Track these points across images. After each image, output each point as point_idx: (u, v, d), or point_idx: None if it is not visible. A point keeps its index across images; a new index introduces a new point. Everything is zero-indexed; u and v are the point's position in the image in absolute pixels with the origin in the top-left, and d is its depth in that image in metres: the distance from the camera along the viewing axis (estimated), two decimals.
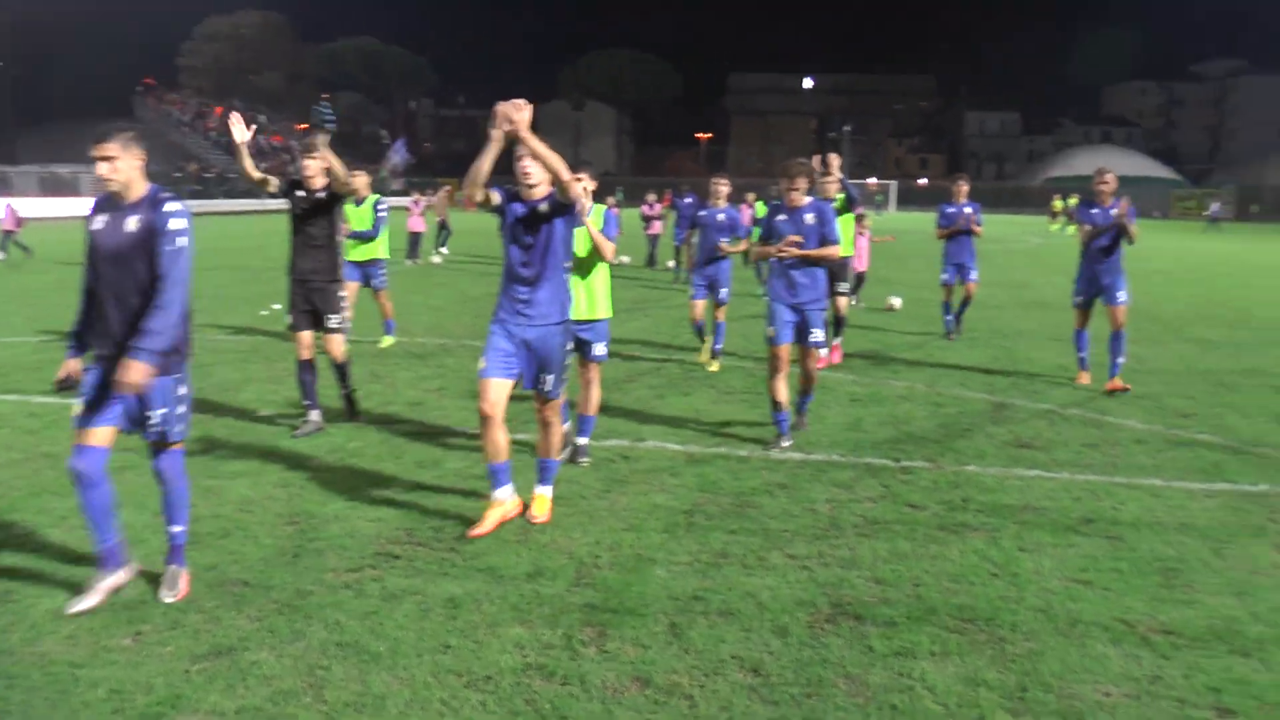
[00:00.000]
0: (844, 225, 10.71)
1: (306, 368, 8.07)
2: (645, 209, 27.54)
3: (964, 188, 13.81)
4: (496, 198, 5.79)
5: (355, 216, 11.89)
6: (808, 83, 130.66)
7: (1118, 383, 10.15)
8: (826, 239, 7.69)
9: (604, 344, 7.17)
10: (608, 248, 6.91)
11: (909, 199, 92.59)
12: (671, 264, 24.02)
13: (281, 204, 8.24)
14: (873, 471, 7.25)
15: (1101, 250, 10.22)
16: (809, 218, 7.69)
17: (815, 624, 4.68)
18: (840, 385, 10.48)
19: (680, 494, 6.64)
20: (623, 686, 4.09)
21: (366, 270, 12.20)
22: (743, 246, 10.96)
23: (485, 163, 5.53)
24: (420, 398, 9.47)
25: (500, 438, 5.87)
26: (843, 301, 11.63)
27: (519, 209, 5.81)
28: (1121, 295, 10.20)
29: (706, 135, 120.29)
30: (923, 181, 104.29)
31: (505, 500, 5.96)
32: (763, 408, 8.52)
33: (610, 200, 27.68)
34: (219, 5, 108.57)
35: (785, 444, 7.81)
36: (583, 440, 7.33)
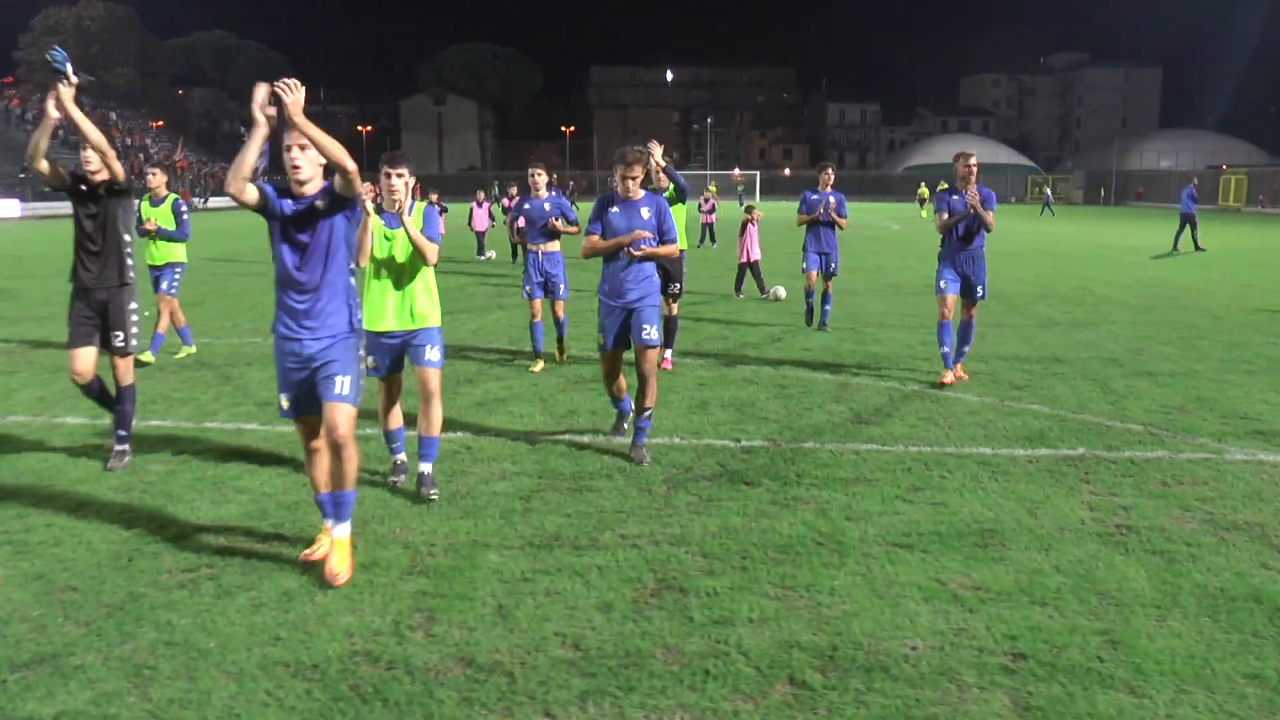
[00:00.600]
0: (677, 217, 9.88)
1: (92, 390, 7.11)
2: (505, 202, 27.53)
3: (829, 176, 13.24)
4: (259, 194, 4.97)
5: (156, 217, 11.04)
6: (669, 75, 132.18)
7: (959, 370, 10.09)
8: (665, 236, 7.17)
9: (438, 347, 6.42)
10: (430, 250, 6.23)
11: (774, 189, 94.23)
12: None
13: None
14: (712, 452, 7.42)
15: (961, 239, 9.85)
16: (645, 212, 7.10)
17: (640, 599, 4.81)
18: (688, 370, 10.69)
19: (520, 481, 6.70)
20: (446, 668, 4.15)
21: (160, 273, 11.21)
22: (574, 230, 10.59)
23: (250, 153, 4.77)
24: (270, 398, 9.31)
25: (326, 465, 5.25)
26: (673, 305, 10.67)
27: (289, 206, 5.04)
28: (980, 290, 9.93)
29: (570, 129, 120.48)
30: (786, 172, 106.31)
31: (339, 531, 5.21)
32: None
33: (479, 195, 27.57)
34: None
35: (627, 425, 7.60)
36: (426, 467, 6.41)
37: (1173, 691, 4.00)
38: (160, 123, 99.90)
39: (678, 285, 10.48)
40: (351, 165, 4.89)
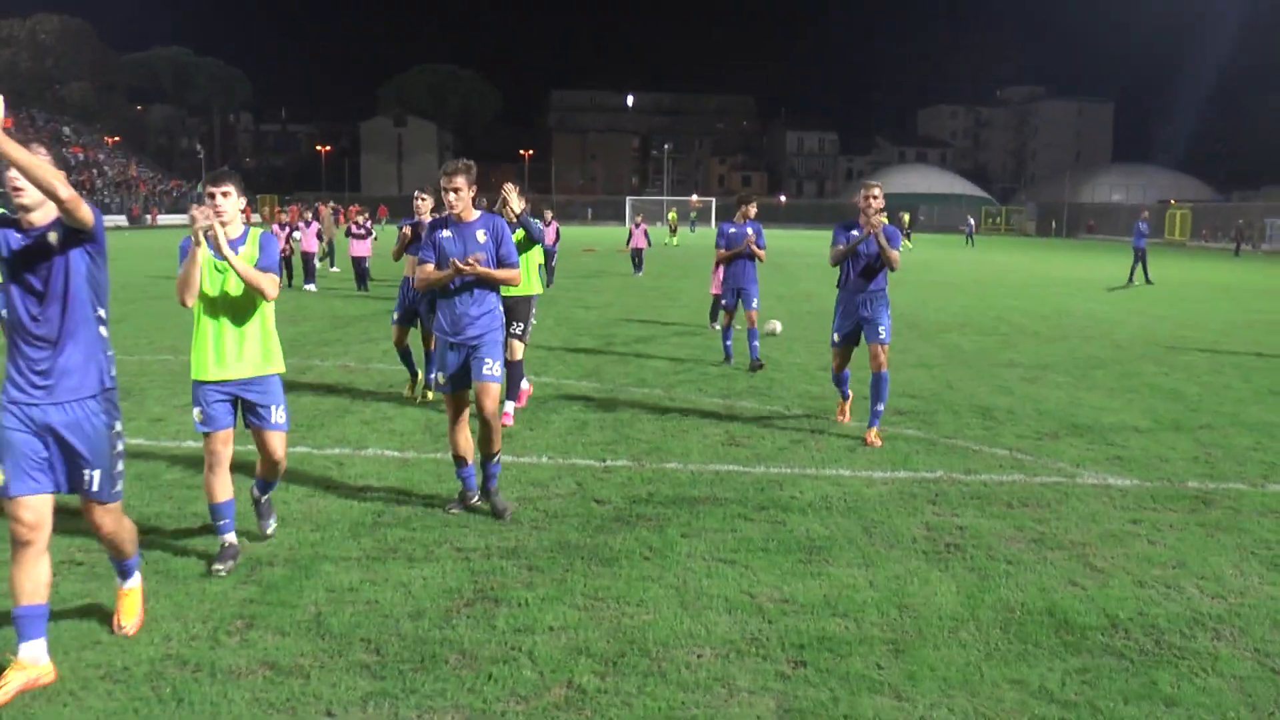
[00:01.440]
0: (528, 262, 9.24)
1: None
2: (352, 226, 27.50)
3: (751, 210, 12.67)
4: None
5: None
6: (630, 100, 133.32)
7: (874, 436, 8.81)
8: (503, 260, 6.48)
9: (282, 407, 5.71)
10: (267, 283, 5.39)
11: (730, 215, 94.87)
12: None
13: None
14: (575, 471, 7.63)
15: (860, 277, 8.91)
16: (480, 234, 6.45)
17: (454, 608, 5.01)
18: (577, 392, 10.91)
19: (379, 497, 6.87)
20: (249, 670, 4.33)
21: None
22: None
23: None
24: (164, 413, 9.43)
25: (39, 571, 4.28)
26: (518, 347, 9.32)
27: (16, 239, 4.22)
28: (883, 331, 8.87)
29: (529, 152, 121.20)
30: None
31: (37, 661, 4.27)
32: None
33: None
34: (8, 7, 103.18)
35: (473, 500, 6.64)
36: (264, 495, 6.08)
37: (937, 695, 4.25)
38: (116, 138, 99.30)
39: (521, 326, 9.31)
40: (65, 192, 4.04)
